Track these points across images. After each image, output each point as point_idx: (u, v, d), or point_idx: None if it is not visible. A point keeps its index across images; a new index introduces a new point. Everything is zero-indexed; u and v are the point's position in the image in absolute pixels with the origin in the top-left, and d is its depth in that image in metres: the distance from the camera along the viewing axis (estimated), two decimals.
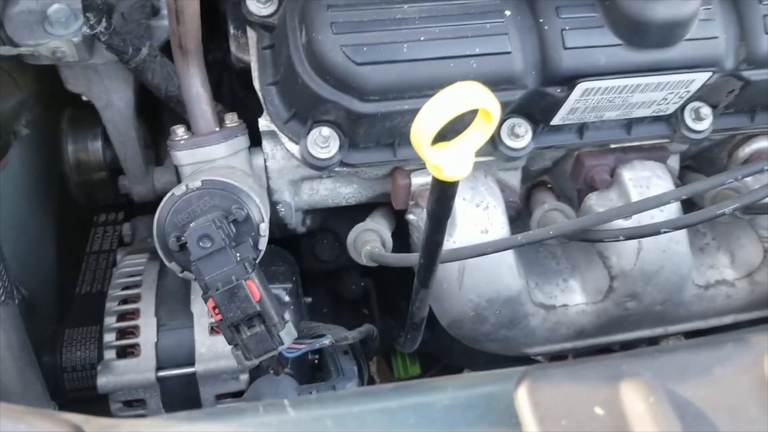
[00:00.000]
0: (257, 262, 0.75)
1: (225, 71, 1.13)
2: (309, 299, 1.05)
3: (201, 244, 0.70)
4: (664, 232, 0.83)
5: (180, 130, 0.86)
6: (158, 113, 1.12)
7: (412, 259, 0.83)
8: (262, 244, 0.77)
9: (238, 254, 0.73)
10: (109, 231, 1.13)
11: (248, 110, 1.05)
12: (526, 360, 1.21)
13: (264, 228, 0.77)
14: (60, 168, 1.09)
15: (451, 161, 0.57)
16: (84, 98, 1.00)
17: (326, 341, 0.80)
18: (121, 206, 1.17)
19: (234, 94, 1.13)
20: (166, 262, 0.77)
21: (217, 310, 0.70)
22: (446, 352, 1.23)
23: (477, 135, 0.58)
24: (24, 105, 1.07)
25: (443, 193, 0.62)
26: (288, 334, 0.72)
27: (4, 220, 1.03)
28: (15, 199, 1.08)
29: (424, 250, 0.70)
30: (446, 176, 0.57)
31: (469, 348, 1.06)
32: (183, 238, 0.73)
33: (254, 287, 0.70)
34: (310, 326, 0.83)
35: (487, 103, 0.54)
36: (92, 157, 1.07)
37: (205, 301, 0.70)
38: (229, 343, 0.72)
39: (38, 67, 0.97)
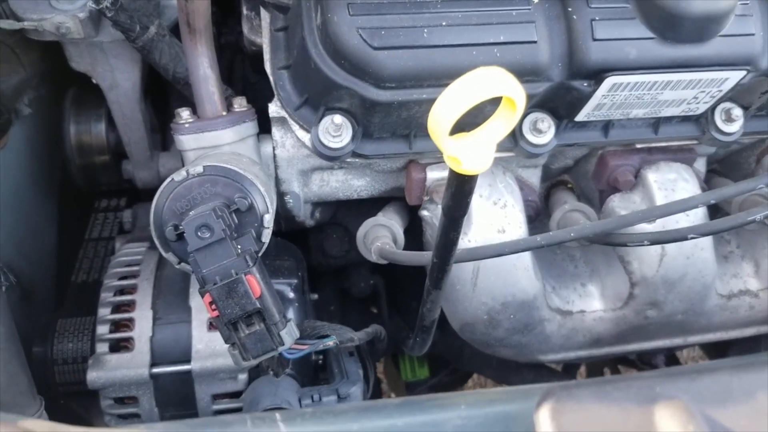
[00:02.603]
0: (259, 255, 0.71)
1: (237, 55, 1.09)
2: (315, 296, 1.01)
3: (199, 234, 0.66)
4: (691, 238, 0.78)
5: (185, 113, 0.82)
6: (166, 96, 1.08)
7: (424, 257, 0.79)
8: (266, 236, 0.73)
9: (239, 246, 0.68)
10: (110, 217, 1.09)
11: (260, 96, 1.01)
12: (539, 367, 1.17)
13: (268, 219, 0.73)
14: (62, 150, 1.05)
15: (470, 153, 0.52)
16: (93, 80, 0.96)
17: (330, 342, 0.76)
18: (123, 192, 1.13)
19: (246, 79, 1.09)
20: (163, 252, 0.73)
21: (213, 306, 0.66)
22: (457, 356, 1.18)
23: (499, 126, 0.53)
24: (27, 83, 1.03)
25: (460, 188, 0.57)
26: (289, 333, 0.68)
27: (3, 201, 0.99)
28: (15, 180, 1.04)
29: (437, 249, 0.65)
30: (465, 169, 0.52)
31: (481, 352, 1.02)
32: (181, 227, 0.69)
33: (255, 282, 0.66)
34: (314, 325, 0.79)
35: (513, 90, 0.50)
36: (95, 140, 1.03)
37: (202, 295, 0.66)
38: (226, 342, 0.68)
39: (43, 44, 0.93)
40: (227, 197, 0.71)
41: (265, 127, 0.88)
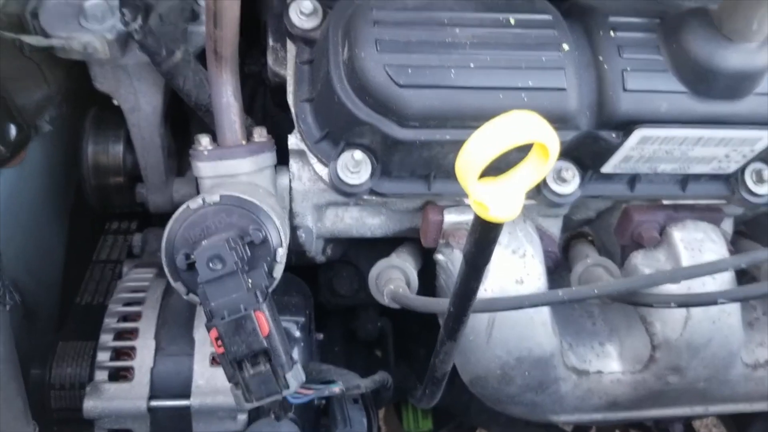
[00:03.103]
0: (270, 291, 0.69)
1: (260, 86, 1.08)
2: (321, 336, 0.98)
3: (211, 265, 0.64)
4: (721, 303, 0.75)
5: (204, 140, 0.80)
6: (185, 122, 1.08)
7: (440, 305, 0.76)
8: (278, 271, 0.71)
9: (249, 280, 0.66)
10: (119, 240, 1.07)
11: (279, 128, 1.00)
12: (549, 426, 1.12)
13: (281, 254, 0.71)
14: (78, 169, 1.04)
15: (498, 200, 0.50)
16: (114, 102, 0.96)
17: (336, 389, 0.72)
18: (135, 215, 1.12)
19: (266, 110, 1.08)
20: (171, 281, 0.70)
21: (219, 342, 0.63)
22: (463, 410, 1.14)
23: (530, 173, 0.51)
24: (49, 100, 1.03)
25: (485, 236, 0.55)
26: (295, 377, 0.65)
27: (15, 217, 0.98)
28: (29, 197, 1.04)
29: (455, 298, 0.62)
30: (492, 216, 0.50)
31: (489, 408, 0.97)
32: (192, 256, 0.67)
33: (263, 320, 0.63)
34: (319, 368, 0.76)
35: (547, 137, 0.48)
36: (112, 161, 1.02)
37: (208, 329, 0.63)
38: (229, 380, 0.64)
39: (69, 63, 0.93)
40: (242, 228, 0.69)
41: (281, 159, 0.87)
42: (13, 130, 0.97)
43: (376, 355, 1.18)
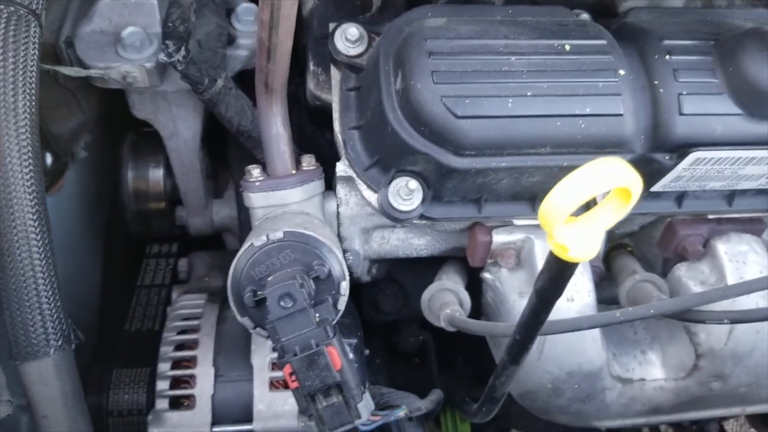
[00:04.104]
0: (335, 323, 0.70)
1: (294, 105, 1.08)
2: (367, 352, 0.99)
3: (282, 303, 0.64)
4: None
5: (255, 171, 0.81)
6: (221, 142, 1.07)
7: (498, 329, 0.77)
8: (342, 303, 0.72)
9: (317, 315, 0.67)
10: (162, 264, 1.07)
11: (315, 147, 1.00)
12: (588, 430, 1.14)
13: (345, 287, 0.71)
14: (116, 194, 1.04)
15: (579, 241, 0.51)
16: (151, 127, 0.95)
17: (401, 413, 0.73)
18: (174, 237, 1.12)
19: (302, 129, 1.08)
20: (238, 317, 0.71)
21: (293, 377, 0.64)
22: (502, 414, 1.15)
23: (611, 215, 0.52)
24: (84, 127, 1.02)
25: (561, 273, 0.56)
26: (366, 406, 0.66)
27: (54, 244, 0.98)
28: (66, 223, 1.03)
29: (523, 327, 0.63)
30: (571, 257, 0.51)
31: (527, 412, 0.99)
32: (260, 293, 0.67)
33: (335, 355, 0.64)
34: (380, 392, 0.77)
35: (632, 183, 0.49)
36: (152, 187, 1.02)
37: (281, 366, 0.64)
38: (303, 413, 0.66)
39: (103, 89, 0.93)
40: (306, 264, 0.70)
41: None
42: (49, 159, 0.97)
43: (416, 364, 1.19)
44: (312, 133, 1.06)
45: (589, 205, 0.50)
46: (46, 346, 0.67)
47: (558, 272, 0.56)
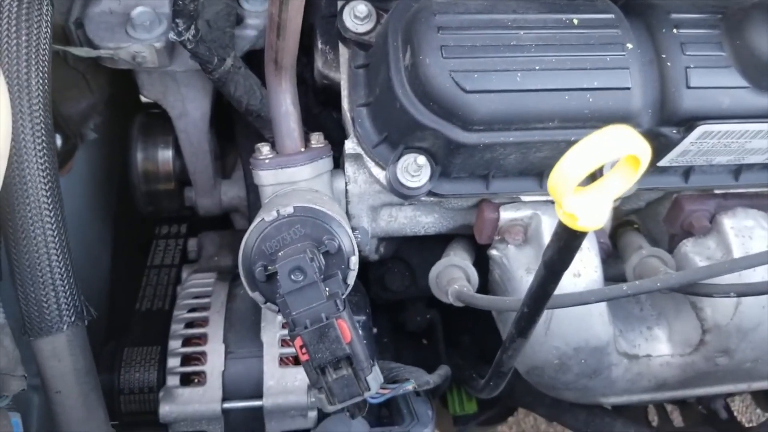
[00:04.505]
0: (345, 297, 0.70)
1: (301, 85, 1.08)
2: (375, 330, 1.00)
3: (293, 277, 0.65)
4: None
5: (265, 149, 0.81)
6: (230, 124, 1.08)
7: (506, 303, 0.78)
8: (351, 278, 0.72)
9: (327, 289, 0.68)
10: (171, 244, 1.08)
11: (322, 127, 1.00)
12: (591, 406, 1.15)
13: (354, 261, 0.72)
14: (125, 175, 1.05)
15: (588, 210, 0.51)
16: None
17: (409, 387, 0.74)
18: (183, 218, 1.13)
19: (308, 109, 1.08)
20: (249, 292, 0.72)
21: (304, 350, 0.65)
22: (508, 392, 1.16)
23: (619, 183, 0.52)
24: (94, 108, 1.03)
25: (569, 243, 0.56)
26: (375, 379, 0.67)
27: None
28: (76, 204, 1.04)
29: (530, 299, 0.64)
30: (580, 226, 0.51)
31: (533, 389, 1.00)
32: (271, 268, 0.68)
33: (345, 327, 0.65)
34: (389, 367, 0.78)
35: (641, 150, 0.49)
36: (162, 168, 1.03)
37: (292, 339, 0.65)
38: (313, 386, 0.66)
39: (112, 70, 0.93)
40: (316, 238, 0.70)
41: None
42: (59, 141, 0.97)
43: (423, 343, 1.20)
44: (319, 113, 1.06)
45: (595, 177, 0.51)
46: (59, 321, 0.68)
47: (566, 242, 0.56)
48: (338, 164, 0.90)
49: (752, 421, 1.78)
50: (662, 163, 0.82)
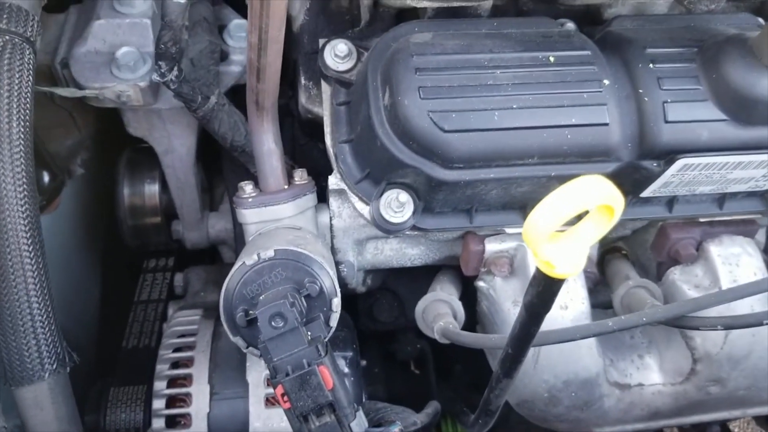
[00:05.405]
0: (327, 340, 0.70)
1: (286, 117, 1.09)
2: (364, 362, 0.99)
3: (273, 323, 0.65)
4: (767, 324, 0.76)
5: (248, 188, 0.81)
6: (217, 157, 1.08)
7: (491, 341, 0.77)
8: (334, 320, 0.72)
9: (309, 333, 0.67)
10: (158, 278, 1.08)
11: (308, 158, 1.01)
12: None
13: (337, 303, 0.72)
14: (112, 210, 1.05)
15: (564, 258, 0.51)
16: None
17: (396, 430, 0.74)
18: (170, 252, 1.13)
19: (295, 140, 1.08)
20: (231, 336, 0.71)
21: (286, 398, 0.64)
22: (502, 421, 1.16)
23: (593, 231, 0.52)
24: (81, 145, 1.04)
25: (548, 289, 0.56)
26: (359, 425, 0.66)
27: (52, 262, 0.99)
28: (64, 239, 1.04)
29: (514, 341, 0.64)
30: (557, 273, 0.51)
31: (527, 420, 0.99)
32: (251, 313, 0.68)
33: (327, 374, 0.65)
34: (375, 408, 0.77)
35: (614, 200, 0.49)
36: (148, 202, 1.03)
37: (274, 386, 0.64)
38: None
39: (99, 108, 0.94)
40: (297, 281, 0.70)
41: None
42: (46, 178, 0.98)
43: (414, 373, 1.20)
44: (305, 144, 1.07)
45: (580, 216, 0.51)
46: (41, 370, 0.67)
47: (546, 288, 0.56)
48: (324, 196, 0.90)
49: None
50: (645, 194, 0.81)
